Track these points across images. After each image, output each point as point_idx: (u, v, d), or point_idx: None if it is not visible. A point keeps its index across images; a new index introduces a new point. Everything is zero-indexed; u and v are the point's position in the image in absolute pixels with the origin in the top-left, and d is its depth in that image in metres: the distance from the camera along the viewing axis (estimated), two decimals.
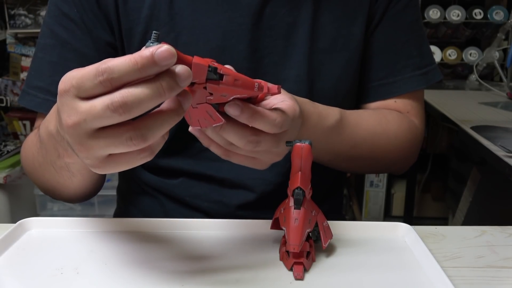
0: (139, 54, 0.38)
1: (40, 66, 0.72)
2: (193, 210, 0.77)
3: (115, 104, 0.39)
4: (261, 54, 0.71)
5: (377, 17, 0.75)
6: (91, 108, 0.39)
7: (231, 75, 0.45)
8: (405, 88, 0.77)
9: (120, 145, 0.41)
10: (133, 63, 0.38)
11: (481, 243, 0.60)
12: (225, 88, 0.45)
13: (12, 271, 0.53)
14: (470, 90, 1.83)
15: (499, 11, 1.89)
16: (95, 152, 0.42)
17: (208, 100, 0.46)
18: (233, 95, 0.46)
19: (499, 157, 1.01)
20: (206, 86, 0.45)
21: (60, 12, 0.70)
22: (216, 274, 0.52)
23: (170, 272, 0.52)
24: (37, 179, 0.71)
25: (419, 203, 2.13)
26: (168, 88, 0.39)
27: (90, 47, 0.70)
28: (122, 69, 0.38)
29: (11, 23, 1.94)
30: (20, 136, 2.02)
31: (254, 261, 0.55)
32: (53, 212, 1.92)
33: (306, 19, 0.71)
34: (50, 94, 0.70)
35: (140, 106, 0.39)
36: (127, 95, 0.39)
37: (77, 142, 0.42)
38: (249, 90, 0.47)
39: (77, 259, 0.55)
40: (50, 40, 0.71)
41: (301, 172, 0.52)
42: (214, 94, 0.45)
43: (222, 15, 0.70)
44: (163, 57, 0.38)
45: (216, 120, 0.48)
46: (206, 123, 0.48)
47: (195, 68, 0.42)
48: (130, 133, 0.40)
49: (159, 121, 0.41)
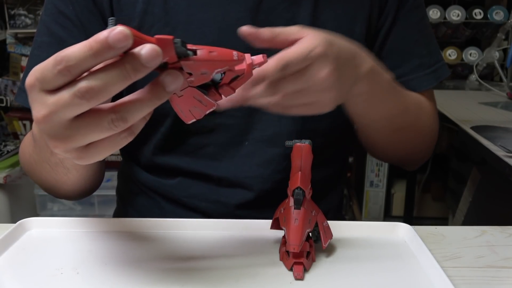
0: (93, 39, 0.37)
1: (36, 64, 0.71)
2: (191, 211, 0.77)
3: (82, 90, 0.38)
4: (258, 49, 0.71)
5: (389, 20, 0.75)
6: (58, 99, 0.39)
7: (204, 48, 0.42)
8: (420, 86, 0.78)
9: (101, 130, 0.40)
10: (88, 49, 0.37)
11: (481, 243, 0.60)
12: (202, 63, 0.42)
13: (12, 271, 0.53)
14: (470, 90, 1.83)
15: (499, 11, 1.89)
16: (75, 143, 0.41)
17: (190, 83, 0.43)
18: (214, 69, 0.43)
19: (499, 157, 1.01)
20: (182, 66, 0.41)
21: (57, 10, 0.70)
22: (216, 274, 0.52)
23: (170, 272, 0.52)
24: (35, 178, 0.71)
25: (419, 203, 2.13)
26: (132, 69, 0.38)
27: None
28: (78, 56, 0.37)
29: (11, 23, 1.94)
30: (20, 136, 2.02)
31: (254, 261, 0.55)
32: (53, 212, 1.92)
33: (305, 16, 0.71)
34: None
35: (107, 90, 0.38)
36: (92, 80, 0.38)
37: (52, 136, 0.41)
38: (229, 61, 0.43)
39: (77, 259, 0.55)
40: (47, 38, 0.71)
41: (301, 172, 0.52)
42: (193, 74, 0.42)
43: (218, 10, 0.70)
44: (117, 39, 0.37)
45: (207, 105, 0.45)
46: (199, 111, 0.46)
47: (160, 44, 0.39)
48: (111, 116, 0.39)
49: (138, 103, 0.40)
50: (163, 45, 0.40)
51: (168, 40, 0.40)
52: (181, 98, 0.44)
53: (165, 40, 0.40)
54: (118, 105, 0.40)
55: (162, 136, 0.75)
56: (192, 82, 0.43)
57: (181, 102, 0.45)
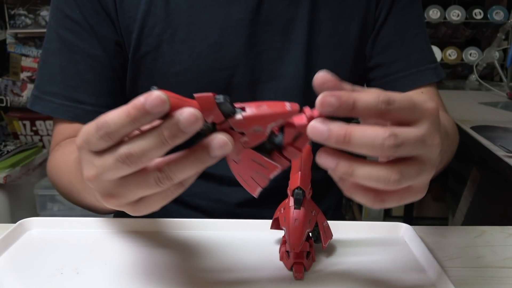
0: (131, 105, 0.37)
1: (51, 71, 0.72)
2: (193, 209, 0.77)
3: (122, 156, 0.38)
4: (259, 49, 0.71)
5: (383, 15, 0.75)
6: (104, 162, 0.39)
7: (252, 104, 0.38)
8: (424, 79, 0.76)
9: (149, 187, 0.40)
10: (126, 115, 0.37)
11: (481, 243, 0.60)
12: (252, 118, 0.38)
13: (12, 271, 0.53)
14: (470, 90, 1.83)
15: (499, 11, 1.89)
16: (125, 199, 0.41)
17: (245, 144, 0.39)
18: (267, 124, 0.38)
19: (499, 157, 1.01)
20: (231, 125, 0.38)
21: (64, 15, 0.70)
22: (216, 274, 0.52)
23: (170, 272, 0.52)
24: (73, 200, 0.69)
25: (419, 203, 2.12)
26: (170, 136, 0.37)
27: (97, 47, 0.70)
28: (117, 122, 0.37)
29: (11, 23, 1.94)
30: (20, 136, 2.02)
31: (254, 261, 0.55)
32: (53, 212, 1.92)
33: (304, 14, 0.71)
34: (66, 98, 0.71)
35: (146, 156, 0.38)
36: (131, 146, 0.38)
37: (103, 193, 0.41)
38: (281, 113, 0.38)
39: (77, 259, 0.55)
40: (57, 44, 0.71)
41: (301, 172, 0.52)
42: (246, 133, 0.39)
43: (219, 11, 0.70)
44: (154, 104, 0.36)
45: (269, 167, 0.40)
46: (262, 177, 0.41)
47: (201, 102, 0.37)
48: (156, 175, 0.39)
49: (181, 165, 0.39)
50: (205, 103, 0.38)
51: (208, 98, 0.37)
52: (240, 165, 0.41)
53: (205, 98, 0.37)
54: (163, 163, 0.39)
55: None
56: (246, 143, 0.40)
57: (241, 169, 0.41)
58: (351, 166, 0.38)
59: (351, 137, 0.37)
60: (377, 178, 0.38)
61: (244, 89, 0.72)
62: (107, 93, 0.72)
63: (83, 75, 0.71)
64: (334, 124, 0.38)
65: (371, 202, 0.40)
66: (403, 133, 0.38)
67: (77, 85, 0.71)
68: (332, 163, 0.39)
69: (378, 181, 0.38)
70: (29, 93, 1.77)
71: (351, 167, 0.38)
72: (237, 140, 0.39)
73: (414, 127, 0.39)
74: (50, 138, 1.98)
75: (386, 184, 0.38)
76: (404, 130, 0.38)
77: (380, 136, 0.37)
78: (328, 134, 0.37)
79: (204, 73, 0.71)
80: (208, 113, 0.38)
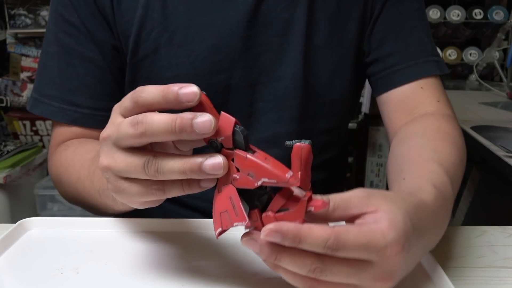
0: (167, 86, 0.40)
1: (50, 74, 0.72)
2: (192, 210, 0.77)
3: (152, 169, 0.41)
4: (257, 51, 0.71)
5: (378, 8, 0.74)
6: (127, 158, 0.42)
7: (262, 152, 0.40)
8: (421, 72, 0.74)
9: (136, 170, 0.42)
10: (160, 91, 0.40)
11: (481, 243, 0.60)
12: (254, 163, 0.39)
13: (12, 271, 0.53)
14: (470, 90, 1.83)
15: (499, 11, 1.89)
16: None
17: (233, 180, 0.40)
18: (261, 177, 0.39)
19: (499, 157, 1.01)
20: (234, 157, 0.40)
21: (62, 19, 0.70)
22: (215, 274, 0.52)
23: (169, 272, 0.52)
24: (76, 201, 0.70)
25: None
26: (179, 126, 0.39)
27: (94, 51, 0.71)
28: (152, 94, 0.41)
29: (11, 23, 1.94)
30: (20, 136, 2.02)
31: (254, 261, 0.55)
32: (53, 212, 1.92)
33: (302, 15, 0.71)
34: (64, 102, 0.71)
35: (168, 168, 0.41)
36: (161, 162, 0.41)
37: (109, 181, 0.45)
38: (279, 176, 0.38)
39: (77, 259, 0.55)
40: (56, 47, 0.71)
41: (301, 172, 0.51)
42: (240, 171, 0.40)
43: (217, 14, 0.69)
44: (186, 92, 0.39)
45: (238, 215, 0.40)
46: (228, 220, 0.40)
47: (222, 120, 0.40)
48: (149, 157, 0.41)
49: (176, 165, 0.41)
50: (225, 122, 0.40)
51: (230, 120, 0.40)
52: (219, 197, 0.42)
53: (228, 119, 0.40)
54: (160, 153, 0.42)
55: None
56: (236, 180, 0.40)
57: (217, 200, 0.42)
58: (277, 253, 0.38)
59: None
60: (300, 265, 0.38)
61: (242, 91, 0.72)
62: (105, 96, 0.72)
63: (81, 79, 0.71)
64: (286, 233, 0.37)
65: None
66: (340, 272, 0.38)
67: (75, 89, 0.71)
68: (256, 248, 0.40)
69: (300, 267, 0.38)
70: (29, 93, 1.77)
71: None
72: (230, 172, 0.40)
73: (364, 266, 0.39)
74: (50, 138, 1.98)
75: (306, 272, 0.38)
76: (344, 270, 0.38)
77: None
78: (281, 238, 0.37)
79: (202, 76, 0.70)
80: (222, 133, 0.40)
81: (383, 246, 0.38)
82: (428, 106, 0.73)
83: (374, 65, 0.76)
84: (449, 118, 0.70)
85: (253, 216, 0.41)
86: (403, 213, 0.41)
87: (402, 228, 0.39)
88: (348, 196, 0.41)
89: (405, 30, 0.75)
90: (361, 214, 0.41)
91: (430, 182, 0.51)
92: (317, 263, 0.38)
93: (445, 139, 0.64)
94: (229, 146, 0.40)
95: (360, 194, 0.41)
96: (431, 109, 0.72)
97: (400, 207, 0.41)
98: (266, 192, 0.42)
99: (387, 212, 0.40)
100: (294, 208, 0.40)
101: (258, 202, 0.41)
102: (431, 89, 0.74)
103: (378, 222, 0.39)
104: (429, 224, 0.46)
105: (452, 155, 0.61)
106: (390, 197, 0.42)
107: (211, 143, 0.41)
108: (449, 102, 0.75)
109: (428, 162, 0.57)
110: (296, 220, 0.39)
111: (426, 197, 0.47)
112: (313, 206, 0.39)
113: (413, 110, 0.73)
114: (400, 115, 0.74)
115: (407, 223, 0.40)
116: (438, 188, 0.50)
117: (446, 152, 0.60)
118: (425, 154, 0.59)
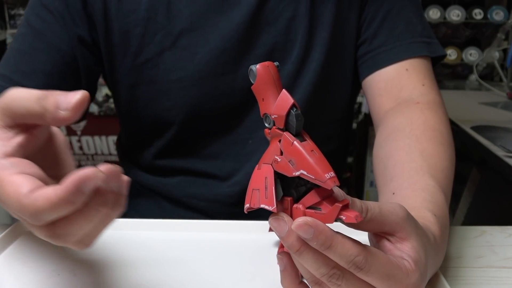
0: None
1: (8, 54, 0.70)
2: (191, 210, 0.77)
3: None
4: (261, 51, 0.71)
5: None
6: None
7: (312, 144, 0.38)
8: (407, 53, 0.71)
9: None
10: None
11: (481, 243, 0.60)
12: (298, 151, 0.37)
13: (9, 272, 0.52)
14: (470, 90, 1.83)
15: (499, 11, 1.89)
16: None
17: (274, 162, 0.39)
18: (300, 168, 0.37)
19: (499, 157, 1.01)
20: (282, 138, 0.38)
21: (40, 3, 0.69)
22: (214, 276, 0.52)
23: (169, 273, 0.52)
24: None
25: None
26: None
27: (66, 42, 0.69)
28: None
29: (11, 23, 1.94)
30: None
31: (254, 261, 0.54)
32: None
33: (304, 12, 0.71)
34: (10, 81, 0.67)
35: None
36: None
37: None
38: (317, 172, 0.36)
39: (74, 260, 0.54)
40: (25, 29, 0.70)
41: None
42: (284, 154, 0.38)
43: (220, 16, 0.69)
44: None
45: (268, 199, 0.38)
46: (257, 199, 0.39)
47: (280, 98, 0.38)
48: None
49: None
50: (282, 102, 0.38)
51: (289, 101, 0.38)
52: (256, 172, 0.40)
53: (286, 99, 0.38)
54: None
55: (166, 142, 0.75)
56: (276, 162, 0.39)
57: (254, 175, 0.41)
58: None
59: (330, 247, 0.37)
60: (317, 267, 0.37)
61: (246, 92, 0.72)
62: (58, 89, 0.70)
63: (41, 65, 0.68)
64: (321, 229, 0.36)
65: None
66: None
67: (31, 72, 0.68)
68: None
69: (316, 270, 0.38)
70: None
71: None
72: (273, 153, 0.39)
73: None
74: None
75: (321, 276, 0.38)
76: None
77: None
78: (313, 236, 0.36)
79: (206, 79, 0.70)
80: (277, 111, 0.38)
81: (404, 285, 0.38)
82: (413, 90, 0.70)
83: (361, 48, 0.74)
84: (433, 106, 0.68)
85: (285, 204, 0.40)
86: (425, 255, 0.41)
87: (423, 272, 0.40)
88: (387, 212, 0.40)
89: (393, 10, 0.72)
90: (391, 233, 0.40)
91: (428, 209, 0.50)
92: (337, 269, 0.37)
93: (432, 138, 0.62)
94: (281, 127, 0.39)
95: (400, 213, 0.40)
96: (415, 93, 0.70)
97: (424, 244, 0.42)
98: (305, 184, 0.40)
99: (415, 252, 0.40)
100: (326, 210, 0.38)
101: (294, 191, 0.40)
102: (417, 71, 0.71)
103: (406, 259, 0.39)
104: (436, 259, 0.47)
105: (441, 158, 0.59)
106: (420, 231, 0.42)
107: (266, 117, 0.40)
108: (436, 86, 0.73)
109: (419, 175, 0.55)
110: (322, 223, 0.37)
111: (434, 230, 0.47)
112: (345, 216, 0.37)
113: (398, 94, 0.70)
114: (384, 99, 0.71)
115: (426, 266, 0.41)
116: (439, 219, 0.49)
117: (435, 155, 0.59)
118: (414, 162, 0.58)
